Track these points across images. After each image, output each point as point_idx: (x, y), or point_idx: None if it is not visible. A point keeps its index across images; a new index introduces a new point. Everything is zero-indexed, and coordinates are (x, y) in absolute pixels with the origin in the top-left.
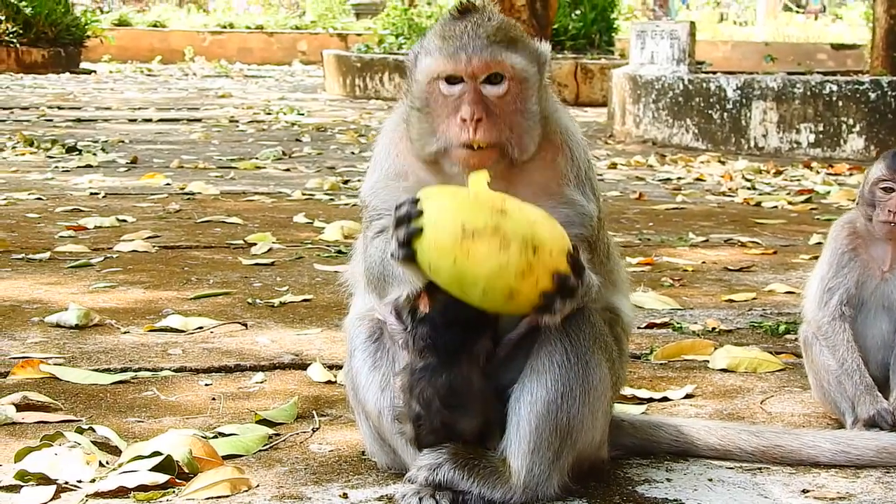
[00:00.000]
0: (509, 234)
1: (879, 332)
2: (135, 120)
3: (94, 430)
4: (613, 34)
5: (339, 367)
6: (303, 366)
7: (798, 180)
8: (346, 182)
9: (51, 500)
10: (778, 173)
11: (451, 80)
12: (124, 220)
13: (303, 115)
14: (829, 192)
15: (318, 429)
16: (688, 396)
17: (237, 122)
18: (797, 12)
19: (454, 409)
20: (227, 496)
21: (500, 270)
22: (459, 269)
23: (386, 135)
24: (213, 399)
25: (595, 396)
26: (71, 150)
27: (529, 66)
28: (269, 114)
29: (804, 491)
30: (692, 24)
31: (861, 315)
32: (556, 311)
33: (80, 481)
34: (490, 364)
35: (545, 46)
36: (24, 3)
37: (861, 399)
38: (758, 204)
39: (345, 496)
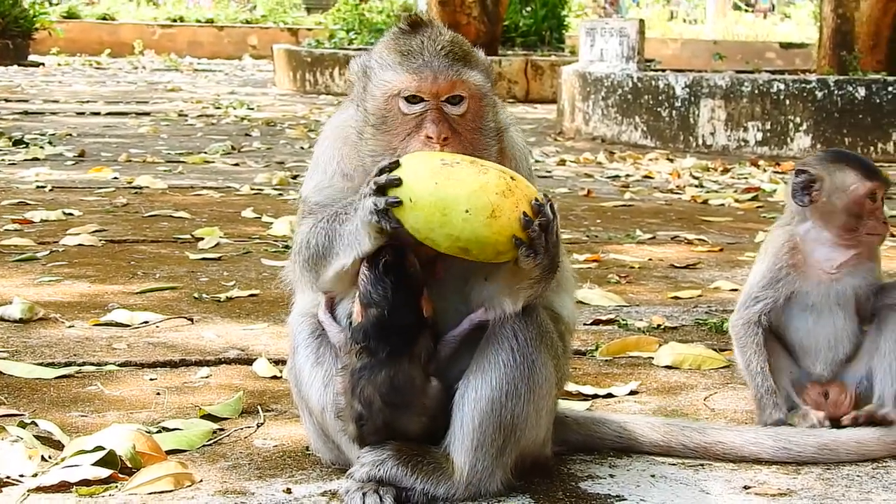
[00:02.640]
0: (486, 165)
1: (832, 331)
2: (83, 113)
3: (36, 425)
4: (564, 31)
5: (285, 363)
6: (248, 361)
7: (745, 178)
8: (294, 177)
9: None
10: (725, 171)
11: (412, 98)
12: (71, 214)
13: (252, 109)
14: (775, 191)
15: (262, 424)
16: (632, 393)
17: (186, 116)
18: (746, 11)
19: (396, 407)
20: (171, 491)
21: (481, 188)
22: (441, 192)
23: (330, 137)
24: (158, 394)
25: (540, 395)
26: (18, 143)
27: (485, 82)
28: (218, 108)
29: (745, 487)
30: (641, 21)
31: (812, 316)
32: (536, 244)
33: (21, 476)
34: (432, 363)
35: (487, 58)
36: None
37: (763, 403)
38: (705, 202)
39: (288, 491)
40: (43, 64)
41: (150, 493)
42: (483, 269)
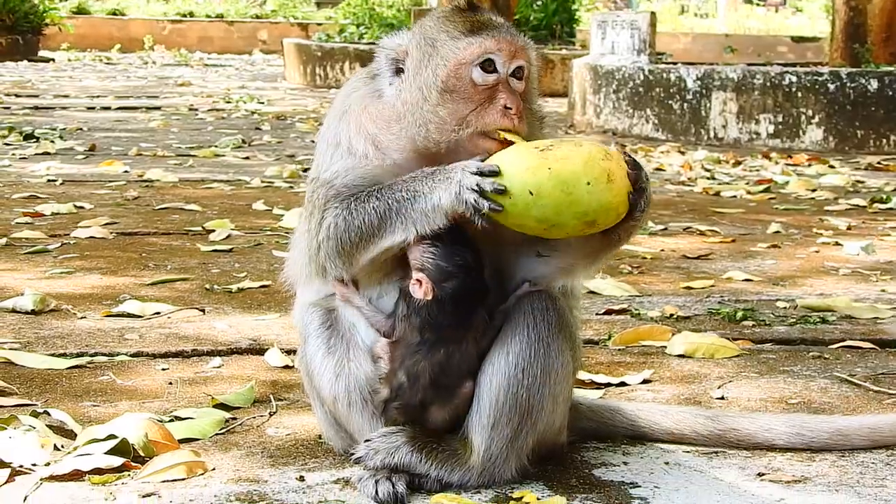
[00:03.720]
0: (567, 140)
1: None
2: (93, 108)
3: (49, 414)
4: (574, 25)
5: (297, 353)
6: (260, 351)
7: (757, 170)
8: (305, 170)
9: (4, 483)
10: (737, 163)
11: (487, 66)
12: (82, 207)
13: (263, 103)
14: (787, 183)
15: (275, 413)
16: (645, 382)
17: (196, 110)
18: (758, 5)
19: (439, 389)
20: (184, 479)
21: (589, 158)
22: (558, 172)
23: (350, 116)
24: (170, 384)
25: (555, 380)
26: (28, 137)
27: (536, 67)
28: (228, 102)
29: (760, 474)
30: (653, 14)
31: None
32: (647, 193)
33: (34, 465)
34: (486, 336)
35: None
36: None
37: None
38: (717, 193)
39: (301, 479)
40: (53, 59)
41: (163, 482)
42: (540, 244)
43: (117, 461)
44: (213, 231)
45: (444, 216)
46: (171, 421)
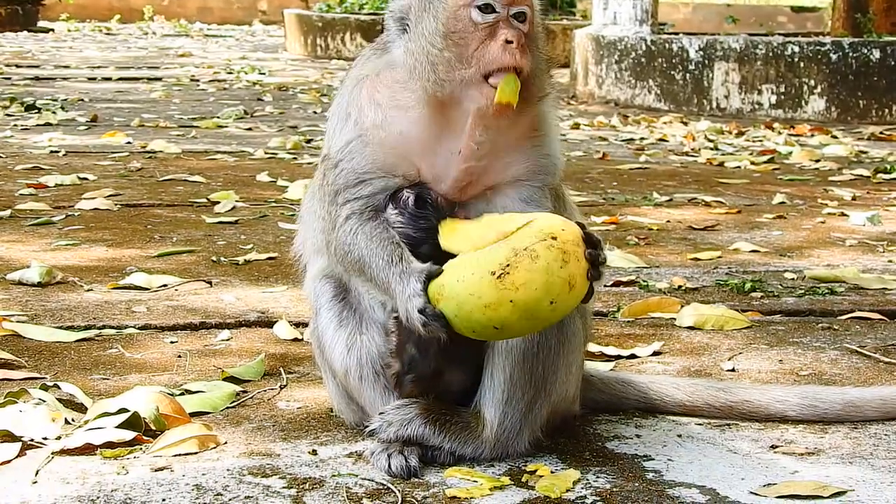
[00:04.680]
0: (525, 244)
1: None
2: (94, 78)
3: (59, 388)
4: None
5: (306, 325)
6: (269, 323)
7: (760, 141)
8: (308, 141)
9: (16, 457)
10: (740, 134)
11: (485, 7)
12: (85, 178)
13: (264, 74)
14: (790, 153)
15: (285, 386)
16: (655, 354)
17: (198, 81)
18: None
19: (450, 355)
20: (196, 453)
21: (548, 277)
22: (521, 304)
23: (359, 85)
24: (179, 356)
25: (569, 349)
26: (30, 108)
27: (539, 10)
28: (230, 73)
29: (773, 447)
30: None
31: None
32: (598, 283)
33: (45, 438)
34: None
35: None
36: None
37: None
38: (721, 164)
39: (314, 453)
40: (53, 30)
41: (176, 455)
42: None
43: (129, 435)
44: (218, 203)
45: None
46: (181, 394)
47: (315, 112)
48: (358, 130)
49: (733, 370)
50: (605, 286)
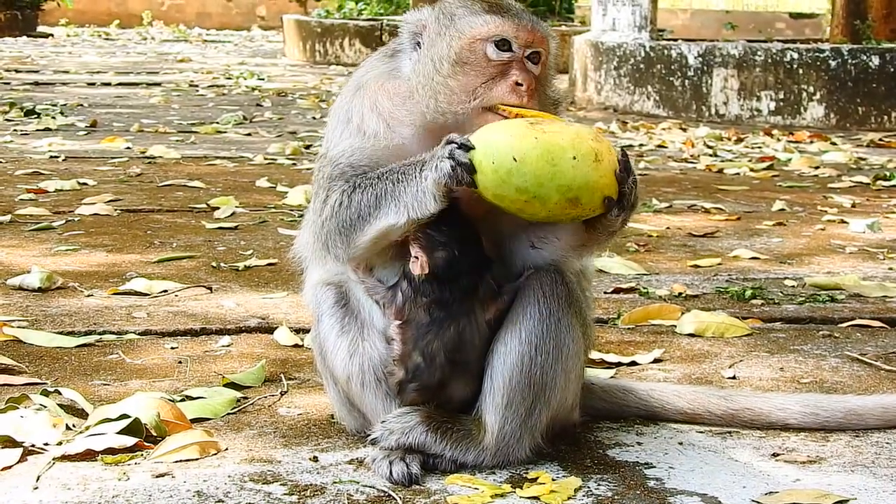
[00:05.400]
0: (561, 120)
1: None
2: (94, 84)
3: (59, 393)
4: (574, 1)
5: (306, 331)
6: (269, 329)
7: (759, 147)
8: (307, 147)
9: (17, 462)
10: (739, 140)
11: (501, 45)
12: (85, 184)
13: (263, 80)
14: (790, 160)
15: (286, 392)
16: (656, 361)
17: (197, 86)
18: None
19: (456, 365)
20: (197, 459)
21: (578, 135)
22: (544, 142)
23: (366, 91)
24: (180, 362)
25: (567, 356)
26: (29, 113)
27: (555, 51)
28: (229, 78)
29: (774, 454)
30: None
31: None
32: (633, 183)
33: (46, 444)
34: (496, 303)
35: None
36: None
37: None
38: (720, 171)
39: (315, 459)
40: (52, 35)
41: (177, 462)
42: (533, 234)
43: (130, 441)
44: (218, 208)
45: (432, 198)
46: (182, 400)
47: (314, 118)
48: (359, 138)
49: (734, 377)
50: (605, 293)
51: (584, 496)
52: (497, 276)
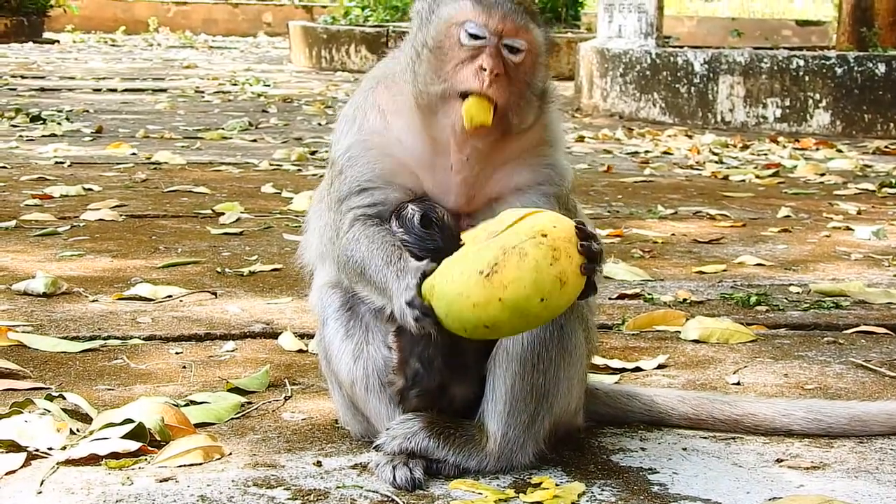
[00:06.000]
0: (514, 242)
1: None
2: (99, 90)
3: (63, 398)
4: (580, 8)
5: (311, 336)
6: (274, 334)
7: (765, 154)
8: (313, 153)
9: (21, 467)
10: (745, 147)
11: (474, 33)
12: (90, 189)
13: (269, 86)
14: (795, 167)
15: (290, 397)
16: (660, 367)
17: (203, 92)
18: None
19: (455, 368)
20: (201, 464)
21: (538, 274)
22: (510, 303)
23: (366, 89)
24: (184, 367)
25: (570, 361)
26: (35, 119)
27: (543, 43)
28: (234, 85)
29: (778, 460)
30: None
31: None
32: (597, 276)
33: (50, 448)
34: None
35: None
36: None
37: None
38: (725, 177)
39: (318, 464)
40: (58, 41)
41: (180, 466)
42: None
43: (134, 445)
44: (223, 214)
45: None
46: (186, 405)
47: (320, 124)
48: (360, 135)
49: (738, 383)
50: (610, 299)
51: (587, 501)
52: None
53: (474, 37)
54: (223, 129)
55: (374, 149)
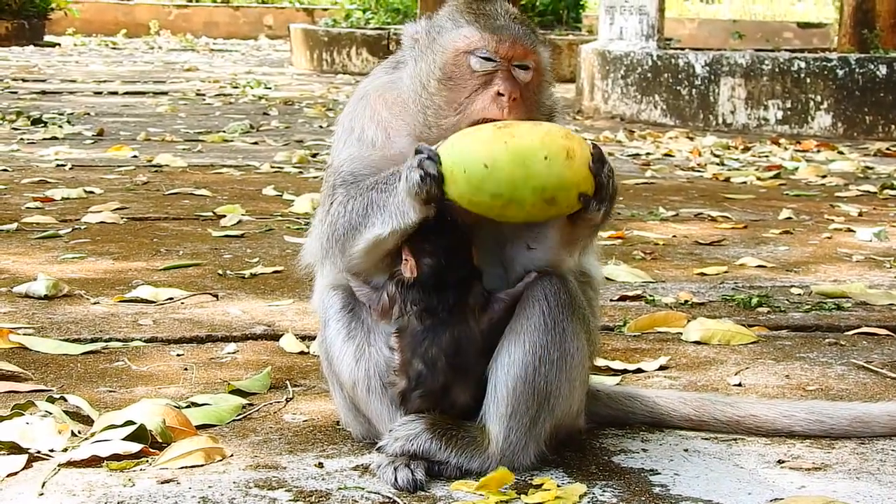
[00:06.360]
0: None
1: None
2: (100, 93)
3: (65, 400)
4: (581, 10)
5: (312, 338)
6: (275, 336)
7: (766, 156)
8: (314, 155)
9: (22, 469)
10: (746, 149)
11: (485, 57)
12: (92, 192)
13: (270, 89)
14: (797, 169)
15: (291, 399)
16: (662, 368)
17: (204, 95)
18: None
19: (458, 369)
20: (202, 465)
21: (548, 135)
22: (514, 146)
23: (367, 101)
24: (186, 369)
25: (572, 364)
26: (36, 122)
27: (548, 60)
28: (235, 87)
29: (780, 461)
30: None
31: None
32: (609, 179)
33: (52, 450)
34: (487, 313)
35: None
36: None
37: None
38: (727, 179)
39: (320, 466)
40: (59, 44)
41: (182, 468)
42: (527, 236)
43: (135, 447)
44: (224, 216)
45: (411, 209)
46: (187, 407)
47: (321, 126)
48: (361, 147)
49: (740, 385)
50: (611, 300)
51: (588, 502)
52: (487, 286)
53: (485, 62)
54: (224, 131)
55: (377, 164)
